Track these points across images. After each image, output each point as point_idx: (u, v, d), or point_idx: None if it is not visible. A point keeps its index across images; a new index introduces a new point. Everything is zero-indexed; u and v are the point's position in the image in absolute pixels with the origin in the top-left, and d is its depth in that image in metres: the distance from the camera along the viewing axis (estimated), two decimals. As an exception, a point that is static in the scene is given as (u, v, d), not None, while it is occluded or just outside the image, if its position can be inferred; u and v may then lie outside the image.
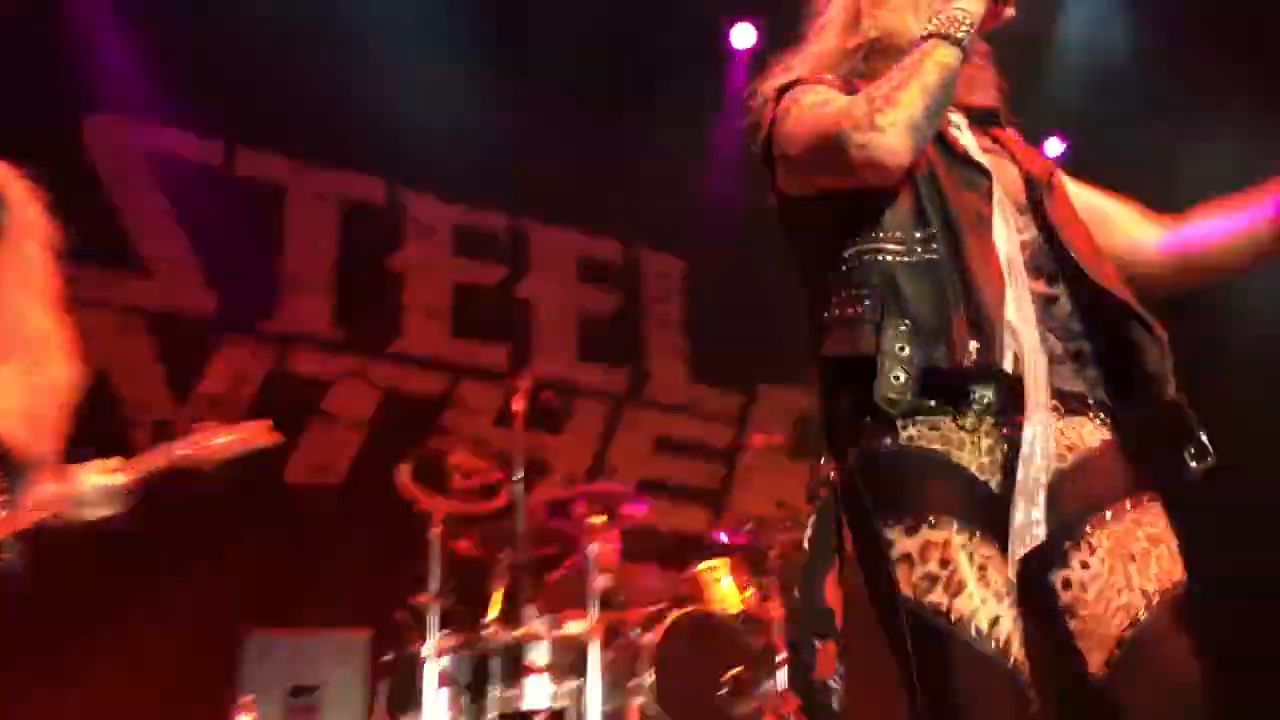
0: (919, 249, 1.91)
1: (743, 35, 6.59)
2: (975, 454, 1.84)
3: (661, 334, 7.21)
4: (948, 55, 1.94)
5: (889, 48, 2.10)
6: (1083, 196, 2.21)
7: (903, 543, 1.77)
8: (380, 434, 5.94)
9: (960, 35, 1.96)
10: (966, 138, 2.10)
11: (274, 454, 2.79)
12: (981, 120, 2.19)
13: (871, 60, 2.14)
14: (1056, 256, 2.00)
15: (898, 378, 1.81)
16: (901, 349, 1.83)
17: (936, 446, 1.83)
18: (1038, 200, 2.06)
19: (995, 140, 2.16)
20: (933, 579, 1.74)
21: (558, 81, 6.17)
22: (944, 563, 1.75)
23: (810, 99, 2.04)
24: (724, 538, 4.98)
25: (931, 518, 1.77)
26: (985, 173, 2.03)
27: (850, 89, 2.05)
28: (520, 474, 4.45)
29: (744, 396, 7.28)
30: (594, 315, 7.03)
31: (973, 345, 1.82)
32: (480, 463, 4.52)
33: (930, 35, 1.98)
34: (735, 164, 6.53)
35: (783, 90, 2.11)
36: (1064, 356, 1.94)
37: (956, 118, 2.13)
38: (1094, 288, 1.97)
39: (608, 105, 6.23)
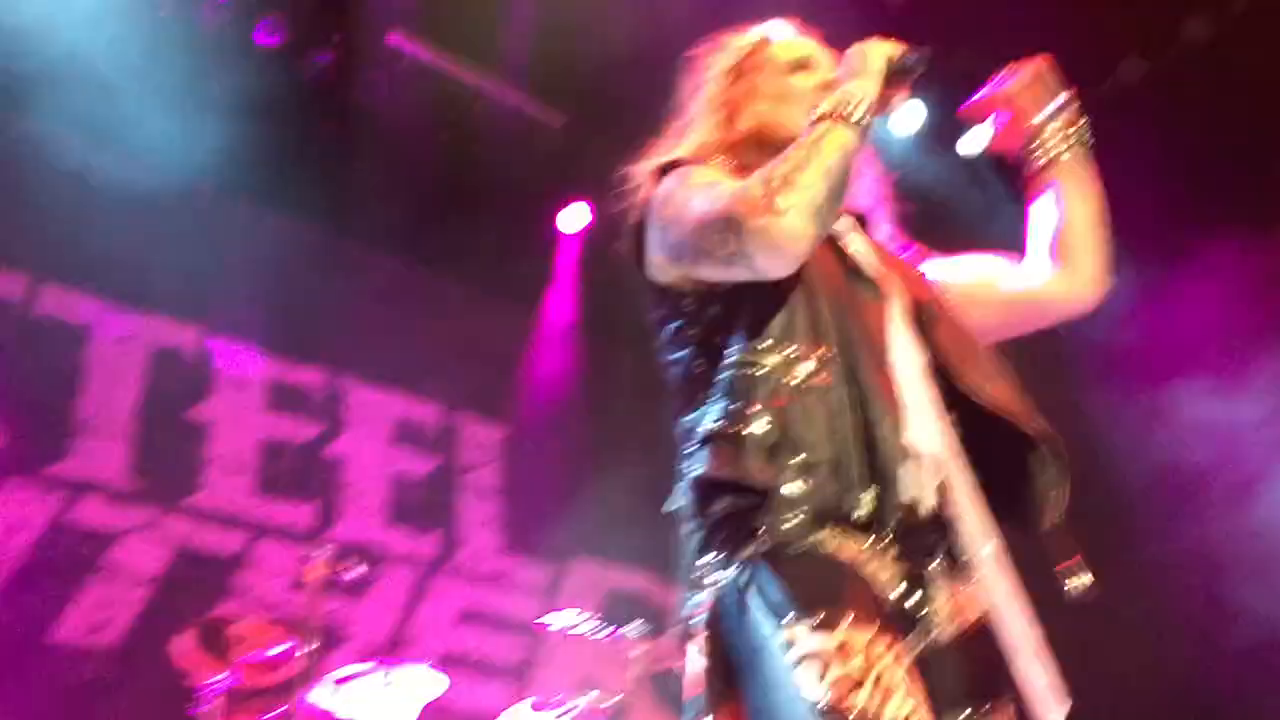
0: (814, 369, 1.74)
1: (574, 218, 6.73)
2: (884, 573, 1.69)
3: (475, 501, 7.10)
4: (845, 137, 1.80)
5: (770, 141, 1.97)
6: (960, 270, 2.13)
7: (813, 641, 1.57)
8: (167, 593, 5.60)
9: (857, 117, 1.83)
10: (857, 247, 1.98)
11: (45, 607, 2.58)
12: (863, 225, 2.08)
13: (751, 155, 1.99)
14: (947, 384, 1.87)
15: (791, 518, 1.64)
16: (794, 489, 1.65)
17: (844, 558, 1.67)
18: (925, 324, 1.93)
19: (880, 251, 2.04)
20: (855, 682, 1.55)
21: (385, 242, 6.16)
22: (867, 665, 1.56)
23: (698, 179, 1.89)
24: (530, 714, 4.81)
25: (851, 613, 1.60)
26: (884, 287, 1.90)
27: (737, 174, 1.91)
28: (314, 644, 4.24)
29: (556, 569, 7.18)
30: (407, 479, 6.88)
31: (871, 490, 1.68)
32: (270, 630, 4.30)
33: (823, 117, 1.84)
34: (560, 336, 6.65)
35: (664, 169, 1.96)
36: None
37: (843, 224, 2.00)
38: (986, 415, 1.84)
39: (435, 269, 6.25)
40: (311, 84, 5.67)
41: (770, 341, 1.77)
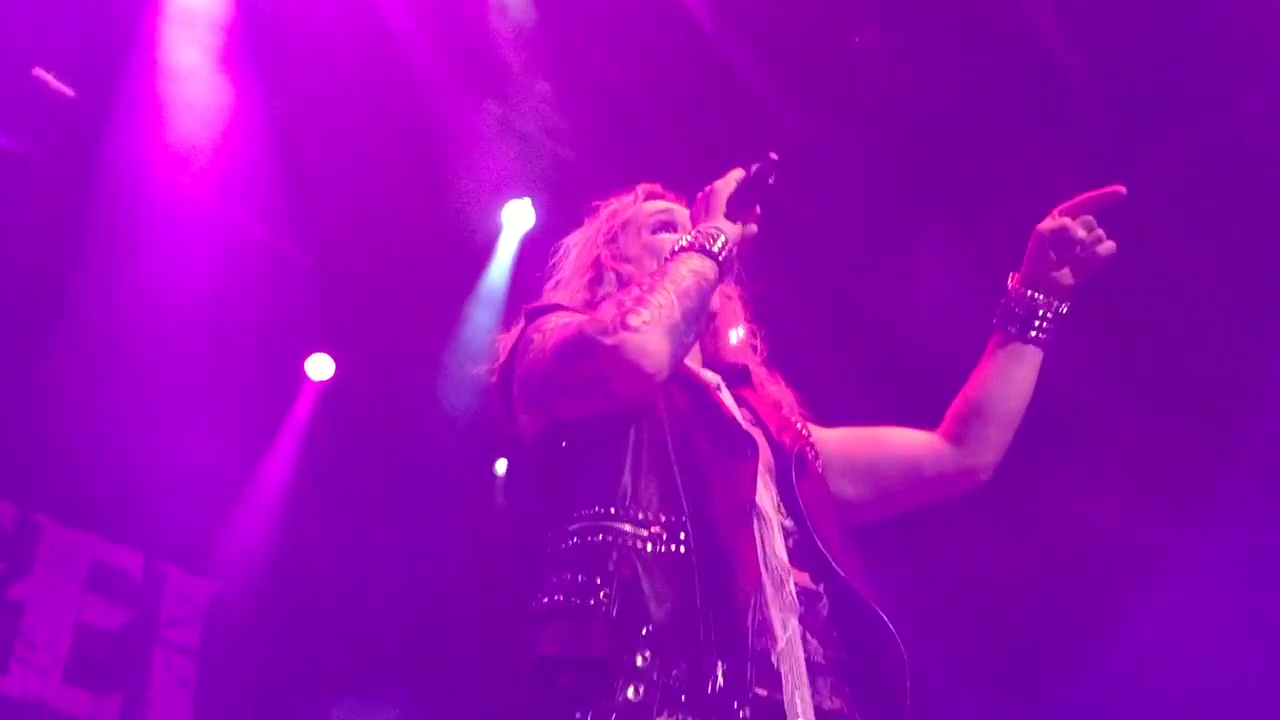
0: (665, 537, 1.64)
1: (320, 367, 6.50)
2: None
3: (169, 663, 6.52)
4: (703, 264, 1.77)
5: None
6: (844, 436, 2.09)
7: None
8: None
9: (716, 250, 1.79)
10: (728, 400, 1.91)
11: None
12: (734, 380, 2.02)
13: None
14: (810, 545, 1.78)
15: (634, 694, 1.52)
16: (639, 662, 1.54)
17: None
18: (789, 480, 1.85)
19: (747, 403, 1.98)
20: None
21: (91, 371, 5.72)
22: None
23: (555, 321, 1.86)
24: None
25: None
26: (752, 446, 1.79)
27: None
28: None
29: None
30: (95, 631, 6.27)
31: (720, 667, 1.56)
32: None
33: (679, 250, 1.81)
34: (278, 493, 6.32)
35: (534, 314, 1.92)
36: (824, 666, 1.71)
37: (714, 377, 1.96)
38: (846, 587, 1.76)
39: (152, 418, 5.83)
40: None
41: (617, 507, 1.67)
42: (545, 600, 1.65)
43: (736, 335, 2.15)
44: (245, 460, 6.19)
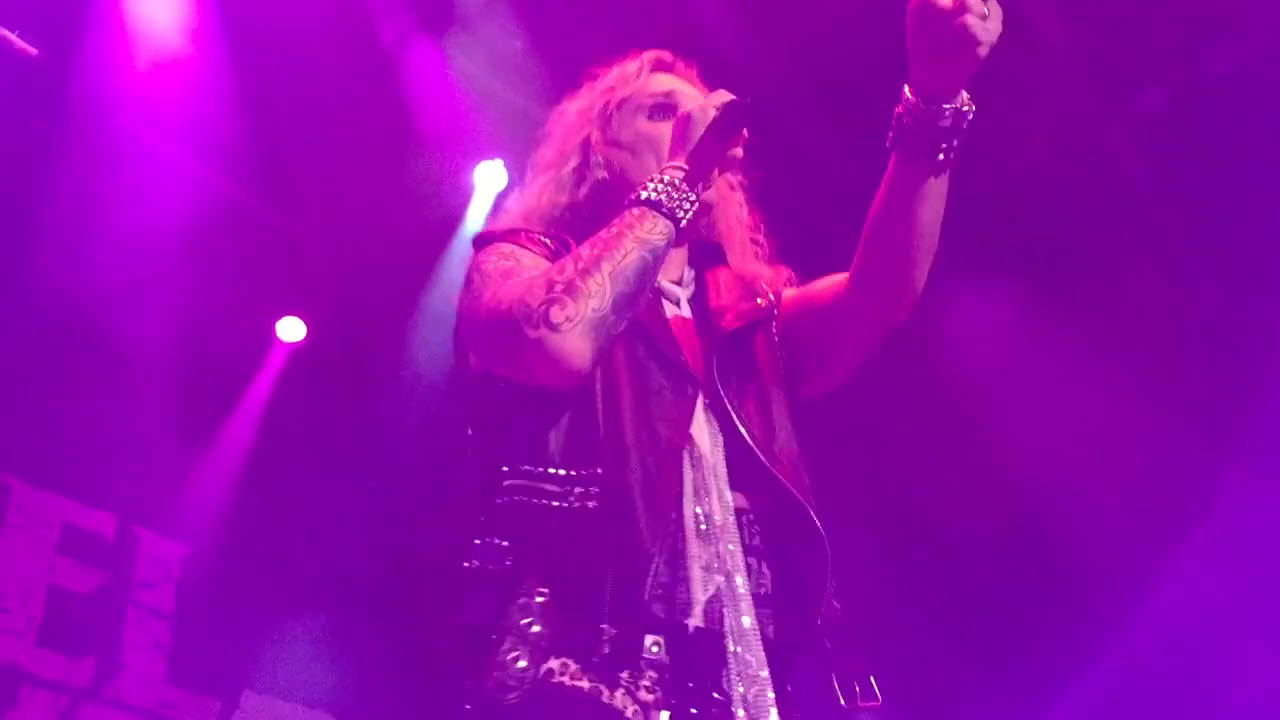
0: (578, 490, 1.56)
1: (291, 329, 6.46)
2: (631, 706, 1.49)
3: (142, 625, 6.52)
4: (656, 232, 1.63)
5: (621, 197, 1.76)
6: (806, 296, 1.94)
7: None
8: None
9: (680, 213, 1.64)
10: (683, 311, 1.79)
11: None
12: (705, 259, 1.86)
13: (598, 205, 1.84)
14: (754, 461, 1.69)
15: (517, 662, 1.46)
16: (530, 624, 1.48)
17: (583, 684, 1.49)
18: (728, 379, 1.74)
19: (706, 287, 1.84)
20: None
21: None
22: None
23: (494, 265, 1.72)
24: None
25: None
26: (692, 381, 1.69)
27: (561, 247, 1.75)
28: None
29: (223, 704, 6.64)
30: (67, 594, 6.25)
31: (608, 633, 1.50)
32: None
33: (642, 202, 1.65)
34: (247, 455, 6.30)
35: (482, 242, 1.79)
36: (764, 597, 1.63)
37: (676, 291, 1.83)
38: (784, 493, 1.67)
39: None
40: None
41: (542, 465, 1.60)
42: (465, 565, 1.59)
43: (740, 239, 1.96)
44: (216, 423, 6.16)
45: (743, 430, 1.74)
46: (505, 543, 1.57)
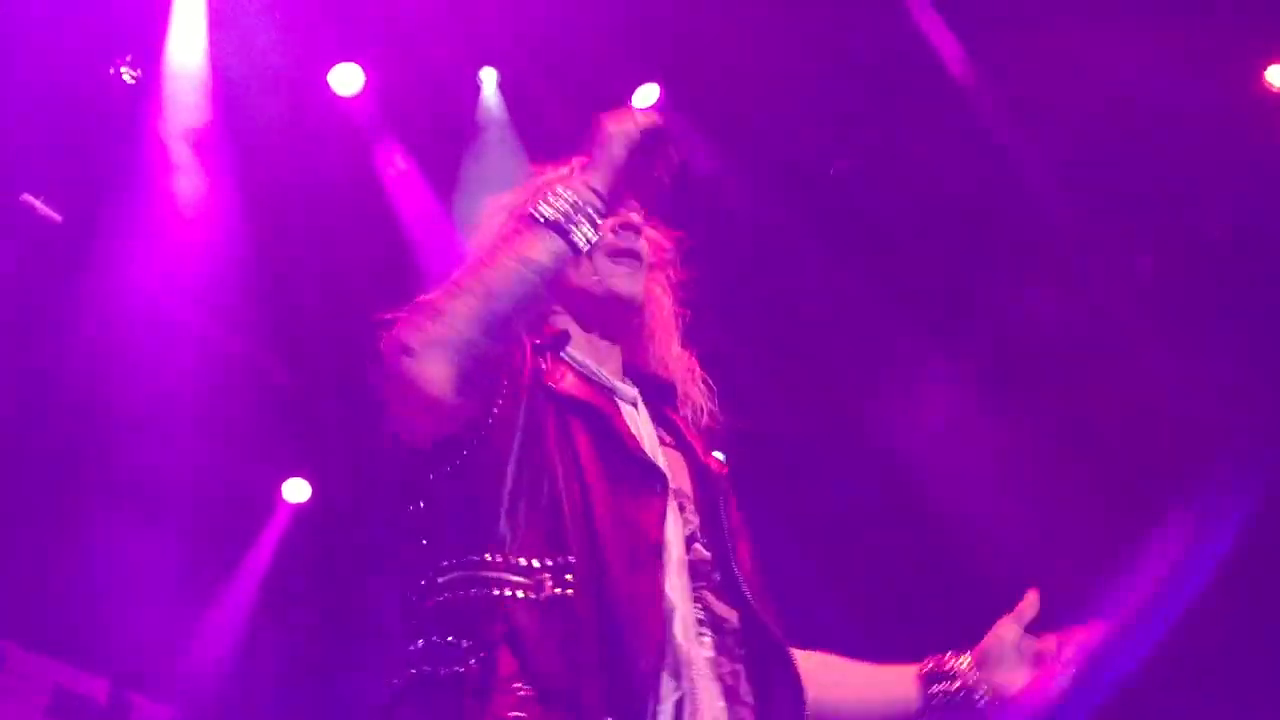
0: (550, 581, 1.44)
1: (296, 490, 6.43)
2: None
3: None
4: (541, 250, 1.48)
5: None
6: None
7: None
8: None
9: (575, 234, 1.48)
10: (643, 423, 1.69)
11: None
12: (658, 396, 1.78)
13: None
14: (735, 580, 1.63)
15: None
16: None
17: None
18: (713, 505, 1.68)
19: (669, 422, 1.77)
20: None
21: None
22: None
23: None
24: None
25: None
26: (661, 480, 1.58)
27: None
28: None
29: None
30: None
31: None
32: None
33: (532, 219, 1.49)
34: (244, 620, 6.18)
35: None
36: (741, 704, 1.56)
37: (629, 390, 1.73)
38: (758, 621, 1.61)
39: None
40: None
41: (493, 553, 1.46)
42: (400, 675, 1.47)
43: (674, 347, 1.88)
44: (214, 586, 6.07)
45: (726, 538, 1.70)
46: (459, 644, 1.42)
